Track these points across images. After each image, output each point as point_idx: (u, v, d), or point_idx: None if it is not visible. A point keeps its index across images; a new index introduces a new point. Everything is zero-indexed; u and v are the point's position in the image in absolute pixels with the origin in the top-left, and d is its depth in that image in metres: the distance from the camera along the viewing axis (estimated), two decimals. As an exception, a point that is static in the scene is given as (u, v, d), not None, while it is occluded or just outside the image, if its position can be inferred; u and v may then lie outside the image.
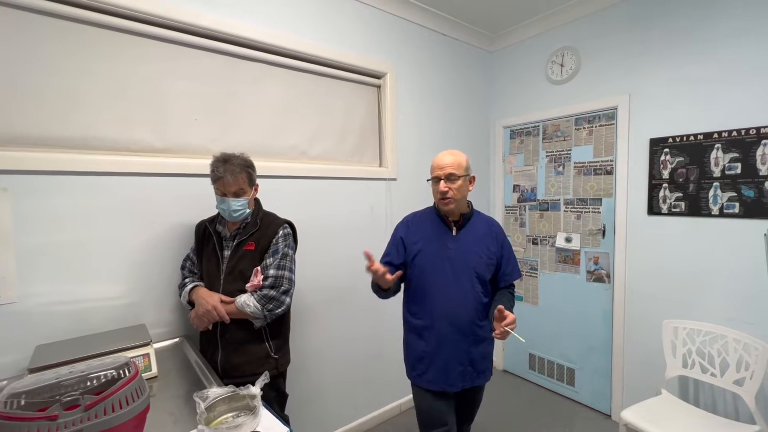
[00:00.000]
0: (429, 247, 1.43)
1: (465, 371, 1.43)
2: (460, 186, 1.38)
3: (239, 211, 1.39)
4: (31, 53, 1.32)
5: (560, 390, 2.69)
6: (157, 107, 1.57)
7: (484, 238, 1.45)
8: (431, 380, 1.43)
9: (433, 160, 1.44)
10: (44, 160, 1.32)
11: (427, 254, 1.42)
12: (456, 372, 1.41)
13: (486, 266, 1.42)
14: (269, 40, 1.82)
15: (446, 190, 1.36)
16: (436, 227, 1.46)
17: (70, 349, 1.18)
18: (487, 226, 1.48)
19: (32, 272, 1.31)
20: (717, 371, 1.82)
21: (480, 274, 1.41)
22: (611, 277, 2.38)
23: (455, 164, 1.37)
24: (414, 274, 1.45)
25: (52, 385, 0.82)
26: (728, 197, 1.90)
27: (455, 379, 1.42)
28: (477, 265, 1.41)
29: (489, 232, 1.46)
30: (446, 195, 1.37)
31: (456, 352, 1.41)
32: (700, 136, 1.98)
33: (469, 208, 1.49)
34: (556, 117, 2.62)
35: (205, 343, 1.48)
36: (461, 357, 1.41)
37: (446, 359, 1.41)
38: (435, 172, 1.40)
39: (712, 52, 1.93)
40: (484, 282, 1.43)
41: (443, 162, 1.38)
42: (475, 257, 1.41)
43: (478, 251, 1.42)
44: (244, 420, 0.91)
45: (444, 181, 1.36)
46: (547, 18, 2.57)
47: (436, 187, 1.40)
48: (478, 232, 1.45)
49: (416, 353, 1.47)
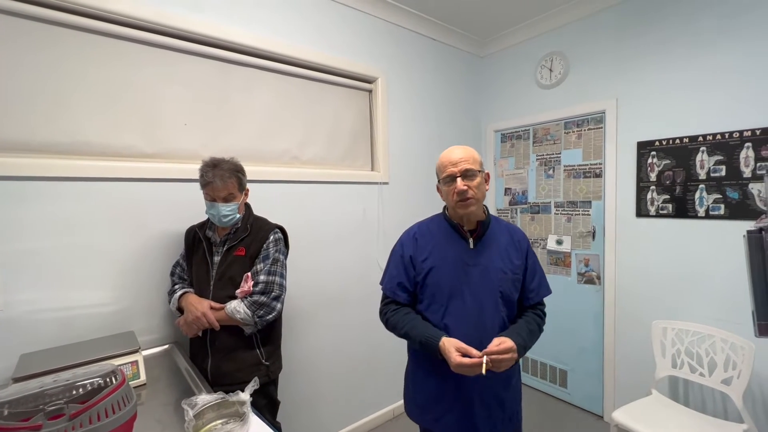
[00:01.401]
0: (443, 264, 1.17)
1: (492, 415, 1.16)
2: (479, 183, 1.13)
3: (229, 216, 1.38)
4: (20, 58, 1.31)
5: (552, 392, 2.70)
6: (147, 112, 1.56)
7: (507, 249, 1.19)
8: (449, 426, 1.16)
9: (440, 158, 1.19)
10: (32, 166, 1.30)
11: (442, 273, 1.16)
12: (482, 417, 1.15)
13: (512, 283, 1.17)
14: (260, 46, 1.82)
15: (465, 188, 1.11)
16: (449, 239, 1.20)
17: (56, 358, 1.16)
18: (509, 234, 1.23)
19: (18, 279, 1.29)
20: (705, 371, 1.84)
21: (505, 293, 1.16)
22: (602, 278, 2.41)
23: (470, 158, 1.14)
24: (426, 295, 1.19)
25: (36, 395, 0.81)
26: (714, 199, 1.94)
27: (482, 425, 1.15)
28: (502, 283, 1.15)
29: (511, 241, 1.21)
30: (466, 195, 1.11)
31: (481, 391, 1.14)
32: (686, 140, 2.02)
33: (485, 213, 1.23)
34: (545, 121, 2.65)
35: (195, 349, 1.46)
36: (487, 398, 1.15)
37: (469, 401, 1.14)
38: (447, 170, 1.14)
39: (696, 57, 1.97)
40: (511, 303, 1.18)
41: (455, 157, 1.14)
42: (499, 274, 1.15)
43: (502, 266, 1.16)
44: (233, 427, 0.90)
45: (461, 178, 1.12)
46: (537, 23, 2.61)
47: (450, 187, 1.14)
48: (500, 243, 1.20)
49: (429, 393, 1.20)
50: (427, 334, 1.10)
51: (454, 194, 1.13)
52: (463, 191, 1.11)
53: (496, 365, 1.01)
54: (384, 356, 2.39)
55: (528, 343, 1.12)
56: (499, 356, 1.01)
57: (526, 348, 1.10)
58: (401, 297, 1.22)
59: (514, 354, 1.03)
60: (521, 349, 1.07)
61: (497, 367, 1.02)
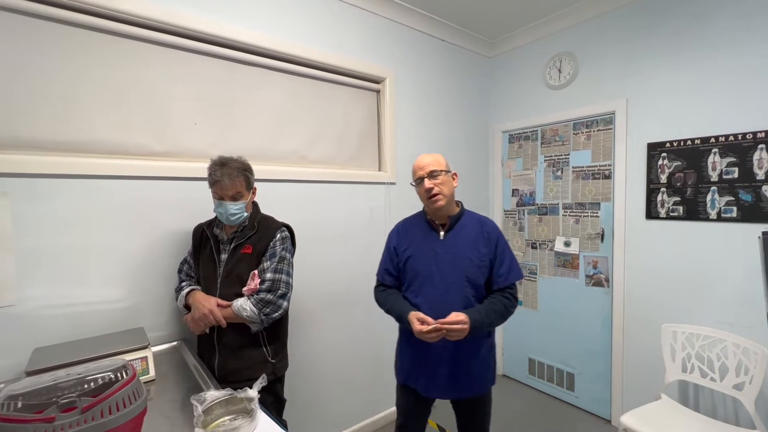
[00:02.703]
0: (418, 252, 1.41)
1: (459, 378, 1.38)
2: (444, 181, 1.36)
3: (237, 214, 1.39)
4: (33, 57, 1.33)
5: (560, 395, 2.68)
6: (158, 111, 1.59)
7: (476, 240, 1.39)
8: (425, 388, 1.41)
9: (413, 166, 1.44)
10: (44, 164, 1.32)
11: (417, 260, 1.40)
12: (447, 379, 1.37)
13: (478, 269, 1.36)
14: (269, 45, 1.83)
15: (432, 186, 1.34)
16: (424, 232, 1.44)
17: (68, 353, 1.18)
18: (479, 226, 1.42)
19: (31, 275, 1.31)
20: (716, 376, 1.81)
21: (471, 277, 1.35)
22: (610, 281, 2.38)
23: (435, 162, 1.38)
24: (406, 279, 1.44)
25: (49, 388, 0.82)
26: (726, 201, 1.91)
27: (447, 386, 1.38)
28: (467, 268, 1.36)
29: (480, 232, 1.40)
30: (433, 192, 1.35)
31: (448, 359, 1.36)
32: (698, 141, 1.99)
33: (458, 208, 1.46)
34: (554, 122, 2.64)
35: (202, 347, 1.48)
36: (454, 363, 1.37)
37: (436, 366, 1.38)
38: (417, 173, 1.39)
39: (709, 58, 1.95)
40: (477, 286, 1.37)
41: (423, 162, 1.39)
42: (465, 260, 1.36)
43: (469, 254, 1.37)
44: (241, 423, 0.91)
45: (427, 179, 1.35)
46: (545, 24, 2.60)
47: (421, 188, 1.38)
48: (470, 234, 1.40)
49: (407, 358, 1.46)
50: (401, 309, 1.36)
51: (424, 192, 1.36)
52: (431, 189, 1.35)
53: (449, 334, 1.23)
54: (390, 355, 2.37)
55: (487, 320, 1.30)
56: (450, 326, 1.22)
57: (484, 323, 1.29)
58: (388, 281, 1.49)
59: (465, 326, 1.23)
60: (478, 324, 1.26)
61: (450, 336, 1.24)
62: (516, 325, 2.96)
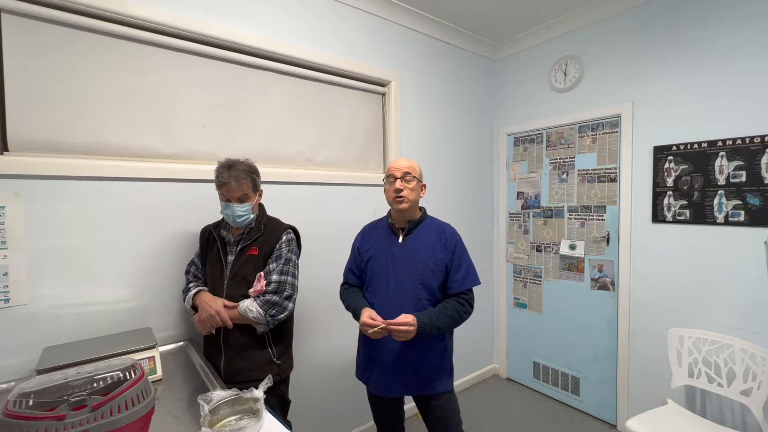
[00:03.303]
0: (378, 254, 1.47)
1: (405, 377, 1.42)
2: (414, 187, 1.42)
3: (243, 216, 1.41)
4: (43, 61, 1.36)
5: (565, 399, 2.66)
6: (166, 114, 1.61)
7: (433, 245, 1.43)
8: (374, 385, 1.47)
9: (389, 165, 1.50)
10: (54, 165, 1.35)
11: (376, 261, 1.46)
12: (394, 377, 1.42)
13: (432, 272, 1.40)
14: (275, 49, 1.85)
15: (401, 188, 1.39)
16: (386, 235, 1.50)
17: (77, 351, 1.20)
18: (438, 232, 1.46)
19: (41, 275, 1.33)
20: (724, 381, 1.80)
21: (425, 281, 1.40)
22: (616, 284, 2.37)
23: (410, 167, 1.44)
24: (366, 278, 1.51)
25: (60, 386, 0.84)
26: (733, 205, 1.89)
27: (394, 385, 1.43)
28: (421, 271, 1.40)
29: (438, 238, 1.44)
30: (401, 193, 1.39)
31: (395, 358, 1.41)
32: (705, 144, 1.98)
33: (420, 213, 1.51)
34: (559, 125, 2.63)
35: (208, 347, 1.49)
36: (401, 363, 1.41)
37: (386, 365, 1.42)
38: (392, 171, 1.43)
39: (716, 60, 1.94)
40: (431, 289, 1.40)
41: (399, 164, 1.44)
42: (420, 264, 1.40)
43: (424, 258, 1.41)
44: (247, 423, 0.92)
45: (400, 180, 1.40)
46: (551, 27, 2.60)
47: (391, 186, 1.42)
48: (427, 239, 1.44)
49: (363, 356, 1.53)
50: (356, 306, 1.43)
51: (393, 191, 1.41)
52: (399, 190, 1.39)
53: (395, 334, 1.29)
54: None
55: (436, 323, 1.34)
56: (396, 327, 1.27)
57: (432, 326, 1.33)
58: (351, 279, 1.56)
59: (411, 328, 1.28)
60: (426, 327, 1.31)
61: (396, 336, 1.30)
62: (520, 328, 2.95)
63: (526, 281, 2.90)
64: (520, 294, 2.95)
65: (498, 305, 3.10)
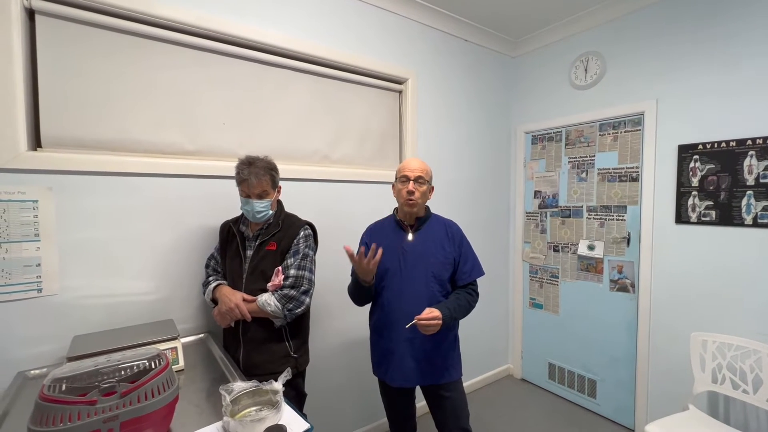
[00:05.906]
0: (387, 249, 1.49)
1: (421, 368, 1.47)
2: (425, 191, 1.49)
3: (262, 212, 1.43)
4: (73, 61, 1.41)
5: (581, 401, 2.62)
6: (189, 112, 1.65)
7: (441, 240, 1.51)
8: (391, 377, 1.50)
9: (401, 164, 1.53)
10: (84, 161, 1.40)
11: (386, 258, 1.48)
12: (411, 368, 1.47)
13: (442, 265, 1.48)
14: (294, 48, 1.87)
15: (413, 190, 1.45)
16: (394, 232, 1.55)
17: (105, 341, 1.24)
18: (444, 228, 1.54)
19: (71, 267, 1.39)
20: (749, 388, 1.74)
21: (436, 273, 1.47)
22: (636, 286, 2.31)
23: (423, 170, 1.49)
24: (376, 275, 1.50)
25: (91, 372, 0.88)
26: (763, 206, 1.82)
27: (411, 375, 1.48)
28: (432, 264, 1.47)
29: (445, 233, 1.52)
30: (413, 195, 1.45)
31: (411, 349, 1.46)
32: (733, 143, 1.91)
33: (426, 212, 1.57)
34: (579, 122, 2.58)
35: (227, 340, 1.53)
36: (417, 354, 1.47)
37: (403, 356, 1.47)
38: (405, 172, 1.47)
39: (745, 56, 1.86)
40: (442, 281, 1.48)
41: (413, 166, 1.49)
42: (431, 258, 1.47)
43: (434, 251, 1.48)
44: (267, 414, 0.94)
45: (413, 182, 1.45)
46: (571, 23, 2.55)
47: (403, 187, 1.47)
48: (435, 234, 1.52)
49: (378, 351, 1.57)
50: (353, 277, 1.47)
51: (405, 192, 1.45)
52: (412, 192, 1.45)
53: (423, 328, 1.32)
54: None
55: (454, 314, 1.41)
56: (426, 321, 1.31)
57: (452, 317, 1.40)
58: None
59: (440, 321, 1.33)
60: (447, 318, 1.36)
61: (425, 330, 1.33)
62: (536, 328, 2.91)
63: (542, 281, 2.86)
64: (536, 294, 2.91)
65: (513, 305, 3.07)
